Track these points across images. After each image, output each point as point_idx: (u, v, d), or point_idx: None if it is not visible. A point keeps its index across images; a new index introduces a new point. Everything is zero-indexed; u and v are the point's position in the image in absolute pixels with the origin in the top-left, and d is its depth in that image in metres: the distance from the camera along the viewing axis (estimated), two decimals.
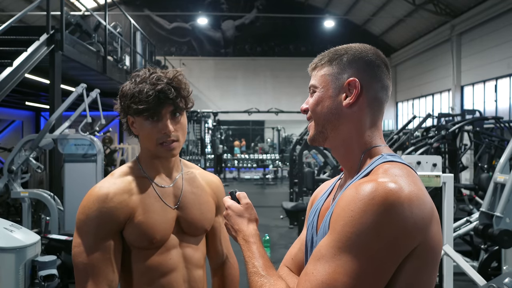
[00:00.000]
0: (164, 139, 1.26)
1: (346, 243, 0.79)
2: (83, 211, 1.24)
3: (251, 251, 1.00)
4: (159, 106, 1.23)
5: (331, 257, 0.80)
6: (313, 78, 1.01)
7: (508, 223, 3.57)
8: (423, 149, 6.25)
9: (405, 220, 0.78)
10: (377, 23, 18.25)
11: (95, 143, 4.47)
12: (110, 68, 7.29)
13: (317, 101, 0.98)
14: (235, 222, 1.08)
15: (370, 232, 0.77)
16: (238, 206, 1.10)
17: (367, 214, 0.78)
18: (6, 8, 14.27)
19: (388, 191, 0.79)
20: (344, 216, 0.80)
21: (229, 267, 1.53)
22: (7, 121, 13.19)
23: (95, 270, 1.20)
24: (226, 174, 16.14)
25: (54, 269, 2.45)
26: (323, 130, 0.98)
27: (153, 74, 1.26)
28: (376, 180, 0.82)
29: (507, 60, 11.19)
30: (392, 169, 0.86)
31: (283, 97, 18.69)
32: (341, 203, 0.83)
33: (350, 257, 0.78)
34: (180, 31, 19.93)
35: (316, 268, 0.81)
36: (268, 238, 5.44)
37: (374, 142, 0.96)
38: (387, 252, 0.78)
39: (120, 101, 1.30)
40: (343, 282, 0.77)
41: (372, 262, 0.78)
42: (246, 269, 0.98)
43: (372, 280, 0.78)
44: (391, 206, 0.77)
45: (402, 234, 0.78)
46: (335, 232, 0.81)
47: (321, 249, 0.83)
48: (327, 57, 0.99)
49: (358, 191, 0.81)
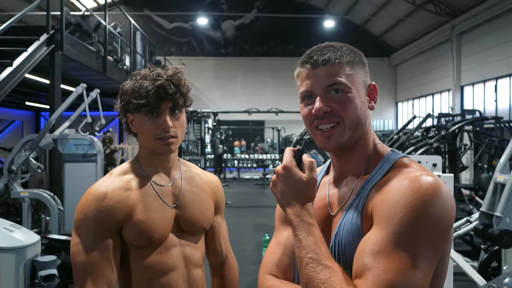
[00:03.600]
0: (162, 135, 1.26)
1: (408, 234, 0.80)
2: (82, 210, 1.24)
3: (310, 233, 0.86)
4: (159, 101, 1.25)
5: (393, 249, 0.79)
6: (331, 74, 0.91)
7: (508, 223, 3.56)
8: (423, 149, 6.26)
9: (451, 206, 0.84)
10: (377, 23, 18.25)
11: (95, 143, 4.47)
12: (110, 68, 7.29)
13: (352, 103, 0.92)
14: (288, 193, 0.90)
15: (430, 220, 0.80)
16: (299, 174, 0.90)
17: (425, 204, 0.81)
18: (6, 8, 14.27)
19: (435, 182, 0.83)
20: (402, 209, 0.81)
21: (228, 267, 1.52)
22: (7, 121, 13.19)
23: (94, 269, 1.20)
24: (226, 174, 16.14)
25: (54, 269, 2.45)
26: (353, 135, 0.94)
27: (153, 71, 1.28)
28: (417, 174, 0.86)
29: (507, 60, 11.19)
30: (414, 163, 0.92)
31: (283, 97, 18.68)
32: (390, 198, 0.84)
33: (414, 247, 0.79)
34: (180, 31, 19.93)
35: (379, 262, 0.79)
36: (268, 238, 5.44)
37: (375, 139, 1.00)
38: (442, 237, 0.83)
39: (120, 99, 1.31)
40: (411, 273, 0.78)
41: (433, 249, 0.81)
42: (298, 251, 0.85)
43: (432, 266, 0.82)
44: (441, 195, 0.82)
45: (451, 220, 0.84)
46: (392, 225, 0.81)
47: (376, 243, 0.81)
48: (348, 54, 0.94)
49: (408, 184, 0.84)
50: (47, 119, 6.77)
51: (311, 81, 0.93)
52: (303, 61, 0.96)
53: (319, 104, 0.92)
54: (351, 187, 0.96)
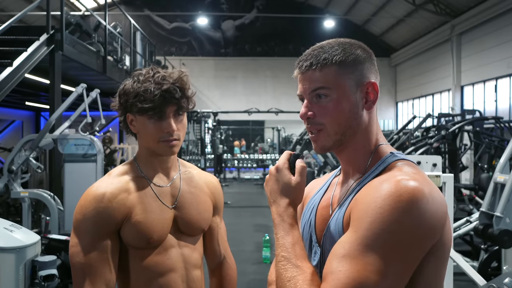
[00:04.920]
0: (166, 138, 1.27)
1: (376, 240, 0.77)
2: (80, 211, 1.24)
3: (288, 233, 0.88)
4: (164, 105, 1.24)
5: (359, 254, 0.77)
6: (314, 79, 0.91)
7: (508, 223, 3.56)
8: (423, 149, 6.26)
9: (431, 216, 0.79)
10: (377, 23, 18.25)
11: (95, 143, 4.48)
12: (110, 68, 7.29)
13: (337, 107, 0.90)
14: (275, 192, 0.94)
15: (400, 229, 0.77)
16: (289, 176, 0.94)
17: (397, 211, 0.77)
18: (6, 8, 14.27)
19: (414, 188, 0.79)
20: (372, 213, 0.79)
21: (227, 267, 1.52)
22: (7, 121, 13.19)
23: (92, 270, 1.20)
24: (226, 174, 16.14)
25: (54, 269, 2.45)
26: (342, 138, 0.92)
27: (157, 73, 1.27)
28: (399, 178, 0.82)
29: (507, 60, 11.19)
30: (406, 167, 0.88)
31: (283, 97, 18.67)
32: (365, 200, 0.82)
33: (380, 254, 0.76)
34: (180, 31, 19.93)
35: (343, 266, 0.77)
36: (268, 238, 5.45)
37: (379, 140, 0.97)
38: (416, 248, 0.78)
39: (120, 99, 1.30)
40: (373, 280, 0.75)
41: (402, 259, 0.77)
42: (276, 249, 0.88)
43: (400, 277, 0.78)
44: (418, 202, 0.78)
45: (428, 230, 0.79)
46: (361, 229, 0.79)
47: (345, 246, 0.79)
48: (338, 55, 0.91)
49: (384, 188, 0.81)
50: (47, 119, 6.78)
51: (301, 85, 0.95)
52: (296, 64, 0.97)
53: (302, 109, 0.94)
54: (349, 187, 0.96)
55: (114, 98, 1.33)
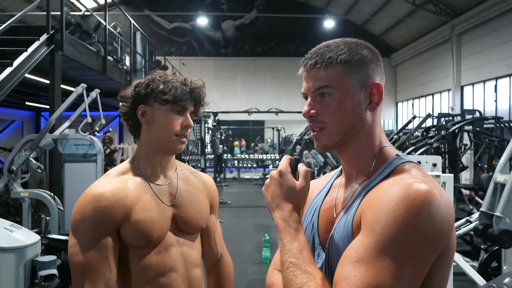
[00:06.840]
0: (183, 133, 1.32)
1: (390, 244, 0.77)
2: (79, 211, 1.24)
3: (294, 238, 0.86)
4: (188, 102, 1.33)
5: (373, 258, 0.77)
6: (319, 78, 0.91)
7: (508, 223, 3.56)
8: (423, 149, 6.26)
9: (442, 219, 0.79)
10: (377, 23, 18.25)
11: (95, 143, 4.47)
12: (110, 68, 7.28)
13: (340, 107, 0.90)
14: (278, 196, 0.92)
15: (414, 232, 0.77)
16: (293, 181, 0.93)
17: (411, 215, 0.77)
18: (6, 8, 14.28)
19: (426, 191, 0.79)
20: (386, 217, 0.78)
21: (224, 265, 1.54)
22: (7, 121, 13.19)
23: (92, 269, 1.20)
24: (226, 174, 16.14)
25: (54, 269, 2.45)
26: (344, 138, 0.92)
27: (178, 76, 1.38)
28: (410, 181, 0.82)
29: (507, 60, 11.19)
30: (414, 170, 0.87)
31: (283, 97, 18.68)
32: (376, 204, 0.81)
33: (394, 258, 0.76)
34: (180, 31, 19.93)
35: (358, 271, 0.77)
36: (268, 238, 5.45)
37: (383, 142, 0.96)
38: (428, 251, 0.78)
39: (137, 88, 1.32)
40: (388, 284, 0.75)
41: (416, 262, 0.77)
42: (281, 255, 0.86)
43: (414, 280, 0.77)
44: (431, 206, 0.78)
45: (440, 233, 0.79)
46: (374, 233, 0.78)
47: (358, 250, 0.79)
48: (343, 54, 0.91)
49: (396, 191, 0.80)
50: (47, 119, 6.77)
51: (305, 83, 0.95)
52: (301, 62, 0.96)
53: (305, 107, 0.94)
54: (354, 189, 0.95)
55: (125, 90, 1.35)
